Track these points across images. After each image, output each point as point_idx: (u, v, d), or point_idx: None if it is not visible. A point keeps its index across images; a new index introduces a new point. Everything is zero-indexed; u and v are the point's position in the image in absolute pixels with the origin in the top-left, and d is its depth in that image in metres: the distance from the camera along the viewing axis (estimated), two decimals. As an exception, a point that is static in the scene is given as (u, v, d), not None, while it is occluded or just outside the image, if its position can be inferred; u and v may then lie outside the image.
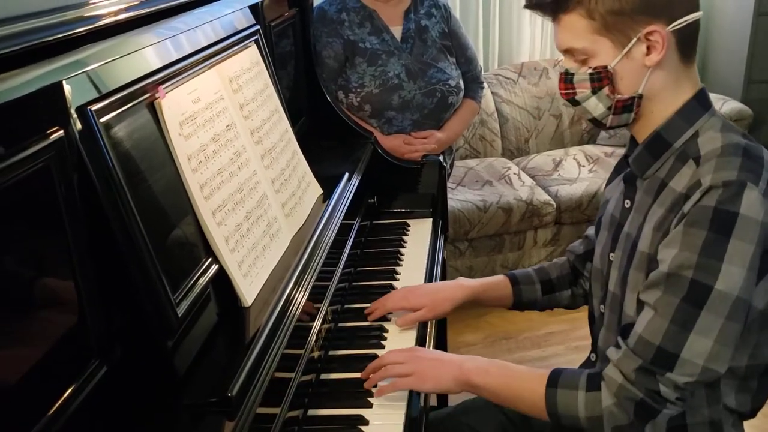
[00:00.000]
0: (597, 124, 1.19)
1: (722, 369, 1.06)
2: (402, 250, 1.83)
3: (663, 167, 1.15)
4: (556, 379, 1.16)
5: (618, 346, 1.12)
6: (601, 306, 1.28)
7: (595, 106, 1.15)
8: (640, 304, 1.11)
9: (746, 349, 1.12)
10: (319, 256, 1.36)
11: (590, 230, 1.47)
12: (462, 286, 1.48)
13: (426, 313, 1.47)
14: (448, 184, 2.37)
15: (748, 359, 1.13)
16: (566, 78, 1.17)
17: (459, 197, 3.04)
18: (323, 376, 1.33)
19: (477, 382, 1.22)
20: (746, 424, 1.24)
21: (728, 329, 1.04)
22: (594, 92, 1.14)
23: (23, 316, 0.80)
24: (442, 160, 2.06)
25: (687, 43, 1.13)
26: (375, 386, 1.27)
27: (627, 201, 1.22)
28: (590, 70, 1.13)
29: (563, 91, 1.18)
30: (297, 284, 1.24)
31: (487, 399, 1.25)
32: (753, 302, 1.06)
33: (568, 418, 1.14)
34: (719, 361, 1.05)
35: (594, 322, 1.35)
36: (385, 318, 1.51)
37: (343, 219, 1.56)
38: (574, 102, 1.18)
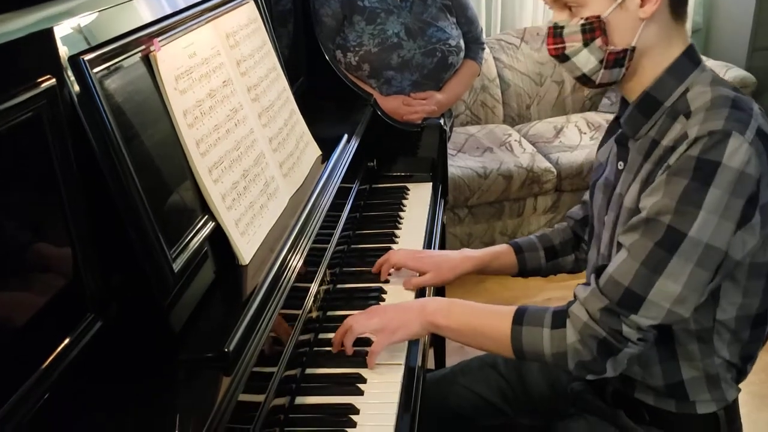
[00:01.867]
0: (585, 81, 1.15)
1: (686, 314, 1.07)
2: (401, 213, 1.82)
3: (654, 126, 1.13)
4: (521, 316, 1.17)
5: (588, 284, 1.14)
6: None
7: (586, 60, 1.12)
8: (618, 246, 1.12)
9: (735, 300, 1.13)
10: (317, 218, 1.35)
11: (587, 195, 1.45)
12: (468, 257, 1.49)
13: (430, 278, 1.47)
14: (449, 151, 2.35)
15: (738, 310, 1.13)
16: (555, 32, 1.13)
17: (459, 164, 3.02)
18: (322, 335, 1.33)
19: (441, 323, 1.24)
20: (744, 388, 1.24)
21: (697, 275, 1.05)
22: (585, 44, 1.11)
23: (16, 271, 0.79)
24: (442, 123, 2.04)
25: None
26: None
27: (620, 163, 1.21)
28: (582, 21, 1.10)
29: (551, 46, 1.15)
30: (294, 245, 1.22)
31: (453, 339, 1.27)
32: (729, 251, 1.05)
33: (533, 355, 1.16)
34: (685, 305, 1.06)
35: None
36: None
37: (342, 182, 1.55)
38: (563, 57, 1.14)
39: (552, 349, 1.14)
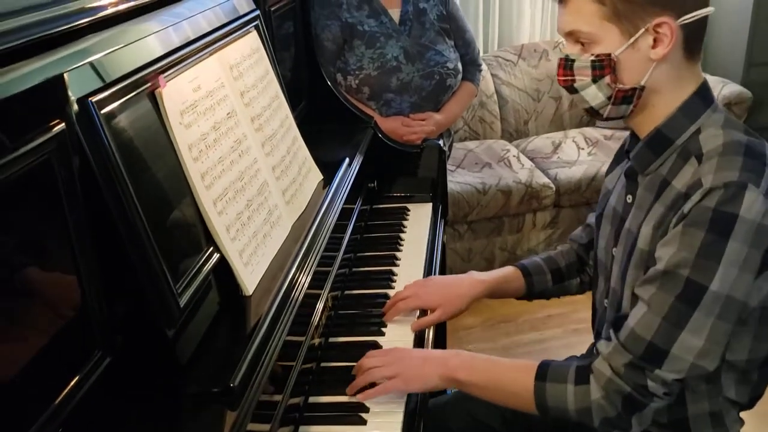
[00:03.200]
0: (593, 113, 1.16)
1: (711, 367, 1.07)
2: (402, 235, 1.83)
3: (665, 164, 1.13)
4: (544, 372, 1.16)
5: (609, 339, 1.13)
6: (605, 300, 1.27)
7: (594, 95, 1.13)
8: (635, 298, 1.11)
9: (746, 344, 1.12)
10: (320, 242, 1.37)
11: (591, 218, 1.45)
12: (477, 281, 1.45)
13: (441, 314, 1.42)
14: (447, 167, 2.37)
15: (749, 353, 1.13)
16: (566, 64, 1.15)
17: (458, 179, 3.04)
18: (324, 363, 1.34)
19: (463, 379, 1.22)
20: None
21: (719, 328, 1.04)
22: (594, 81, 1.12)
23: (26, 308, 0.80)
24: (441, 144, 2.06)
25: (694, 39, 1.11)
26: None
27: (629, 196, 1.21)
28: (592, 58, 1.11)
29: (561, 78, 1.16)
30: (298, 271, 1.24)
31: (473, 394, 1.24)
32: (748, 301, 1.05)
33: (557, 411, 1.15)
34: (708, 359, 1.06)
35: (596, 316, 1.34)
36: (385, 303, 1.50)
37: (344, 204, 1.56)
38: (571, 90, 1.16)
39: (576, 405, 1.12)
